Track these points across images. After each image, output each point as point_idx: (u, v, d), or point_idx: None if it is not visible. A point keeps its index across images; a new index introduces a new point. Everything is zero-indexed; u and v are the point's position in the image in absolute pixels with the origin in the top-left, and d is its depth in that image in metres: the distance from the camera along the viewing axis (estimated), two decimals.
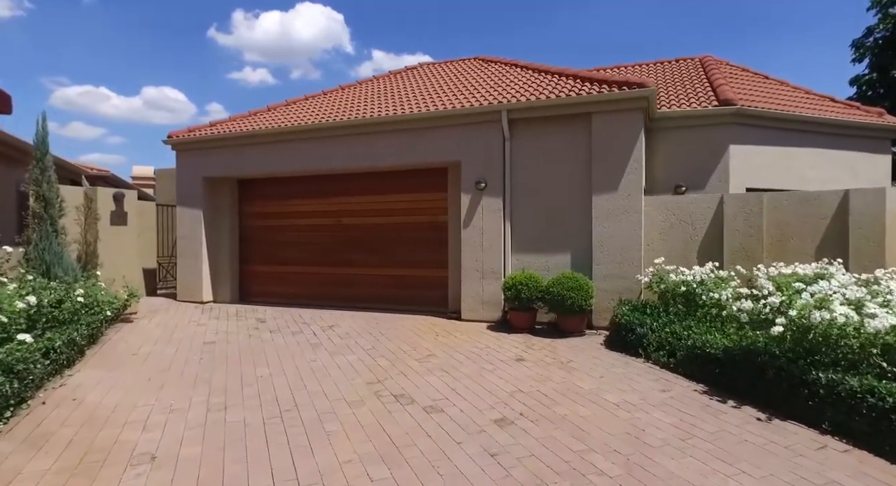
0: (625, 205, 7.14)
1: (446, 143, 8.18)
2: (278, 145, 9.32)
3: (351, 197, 9.44)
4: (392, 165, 8.61)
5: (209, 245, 10.05)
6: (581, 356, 6.01)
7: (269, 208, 10.11)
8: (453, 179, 8.52)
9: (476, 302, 7.98)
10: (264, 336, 7.16)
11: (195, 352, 6.27)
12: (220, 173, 9.83)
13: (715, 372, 4.76)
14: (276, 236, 10.07)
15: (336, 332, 7.42)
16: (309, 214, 9.77)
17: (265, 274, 10.16)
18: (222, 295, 10.14)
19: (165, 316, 8.57)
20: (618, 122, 7.17)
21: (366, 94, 10.40)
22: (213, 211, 10.15)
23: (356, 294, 9.41)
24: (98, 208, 7.96)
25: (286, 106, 10.79)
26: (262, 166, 9.47)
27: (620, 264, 7.15)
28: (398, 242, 9.10)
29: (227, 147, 9.71)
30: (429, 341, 6.79)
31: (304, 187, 9.78)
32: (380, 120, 8.48)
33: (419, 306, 8.90)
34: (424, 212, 8.89)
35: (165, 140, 10.07)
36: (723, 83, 8.15)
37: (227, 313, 8.95)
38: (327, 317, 8.55)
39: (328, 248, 9.62)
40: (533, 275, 7.26)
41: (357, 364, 5.76)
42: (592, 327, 7.32)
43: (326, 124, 8.83)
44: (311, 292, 9.75)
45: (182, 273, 10.13)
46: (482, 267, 7.94)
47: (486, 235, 7.92)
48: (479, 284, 7.97)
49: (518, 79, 9.16)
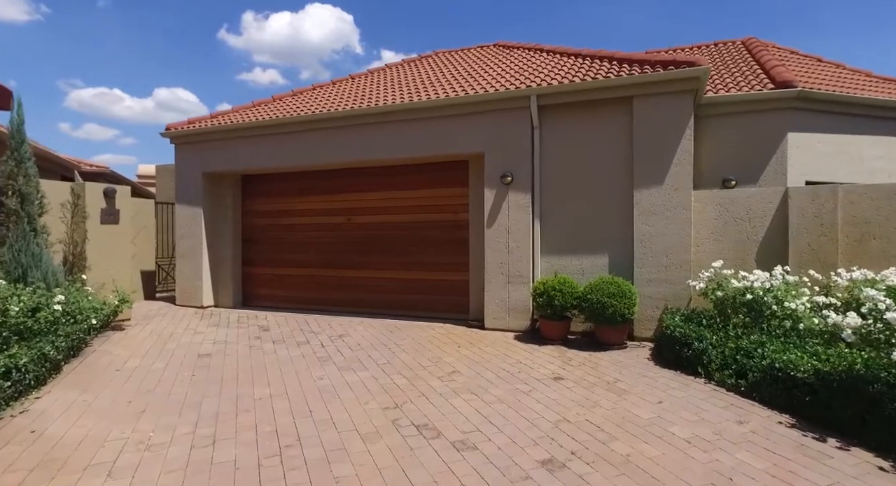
0: (671, 200, 6.30)
1: (467, 133, 7.39)
2: (285, 137, 8.59)
3: (363, 193, 8.69)
4: (408, 157, 7.84)
5: (210, 246, 9.35)
6: (629, 374, 5.19)
7: (275, 206, 9.38)
8: (475, 173, 7.73)
9: (501, 309, 7.19)
10: (266, 347, 6.42)
11: (187, 367, 5.54)
12: (221, 168, 9.12)
13: (804, 401, 3.93)
14: (281, 236, 9.34)
15: (346, 343, 6.66)
16: (317, 213, 9.03)
17: (270, 277, 9.44)
18: (224, 299, 9.43)
19: (161, 323, 7.87)
20: (664, 106, 6.33)
21: (378, 82, 9.64)
22: (215, 209, 9.45)
23: (368, 299, 8.65)
24: (87, 206, 7.28)
25: (293, 96, 10.06)
26: (266, 160, 8.74)
27: (666, 267, 6.32)
28: (414, 242, 8.32)
29: (229, 140, 9.00)
30: (451, 355, 6.01)
31: (312, 183, 9.04)
32: (394, 108, 7.71)
33: (437, 312, 8.12)
34: (443, 209, 8.11)
35: (163, 133, 9.39)
36: (777, 64, 7.28)
37: (227, 320, 8.23)
38: (336, 325, 7.79)
39: (338, 249, 8.88)
40: (567, 279, 6.45)
41: (371, 383, 4.99)
42: (633, 337, 6.50)
43: (336, 114, 8.08)
44: (319, 296, 9.01)
45: (181, 276, 9.44)
46: (508, 270, 7.14)
47: (513, 235, 7.12)
48: (504, 289, 7.17)
49: (545, 63, 8.35)
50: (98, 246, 7.42)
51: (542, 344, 6.46)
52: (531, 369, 5.44)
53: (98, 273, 7.40)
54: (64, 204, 7.11)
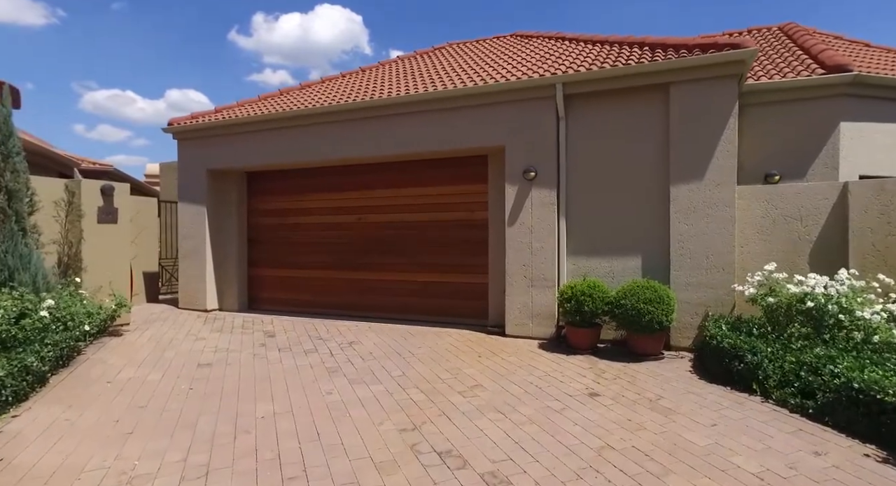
0: (713, 197, 5.74)
1: (487, 125, 6.87)
2: (292, 132, 8.12)
3: (374, 191, 8.20)
4: (422, 152, 7.34)
5: (214, 246, 8.91)
6: (672, 390, 4.64)
7: (281, 205, 8.93)
8: (495, 169, 7.20)
9: (524, 315, 6.66)
10: (271, 356, 5.95)
11: (185, 379, 5.08)
12: (226, 165, 8.68)
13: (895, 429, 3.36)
14: (288, 236, 8.88)
15: (357, 351, 6.17)
16: (326, 211, 8.56)
17: (276, 279, 8.98)
18: (228, 302, 8.99)
19: (161, 328, 7.43)
20: (704, 94, 5.77)
21: (390, 74, 9.15)
22: (219, 208, 9.01)
23: (380, 303, 8.16)
24: (82, 204, 6.86)
25: (301, 90, 9.61)
26: (273, 156, 8.28)
27: (707, 270, 5.75)
28: (430, 242, 7.82)
29: (234, 135, 8.56)
30: (472, 366, 5.49)
31: (322, 180, 8.57)
32: (408, 99, 7.21)
33: (454, 317, 7.61)
34: (460, 207, 7.59)
35: (166, 128, 8.97)
36: (826, 48, 6.68)
37: (231, 325, 7.78)
38: (346, 330, 7.30)
39: (348, 249, 8.39)
40: (597, 283, 5.91)
41: (385, 399, 4.49)
42: (670, 347, 5.94)
43: (346, 106, 7.60)
44: (328, 299, 8.54)
45: (184, 278, 9.02)
46: (531, 273, 6.61)
47: (537, 235, 6.59)
48: (527, 293, 6.64)
49: (569, 51, 7.81)
50: (95, 247, 7.00)
51: (570, 354, 5.93)
52: (561, 383, 4.91)
53: (94, 275, 6.98)
54: (58, 202, 6.69)
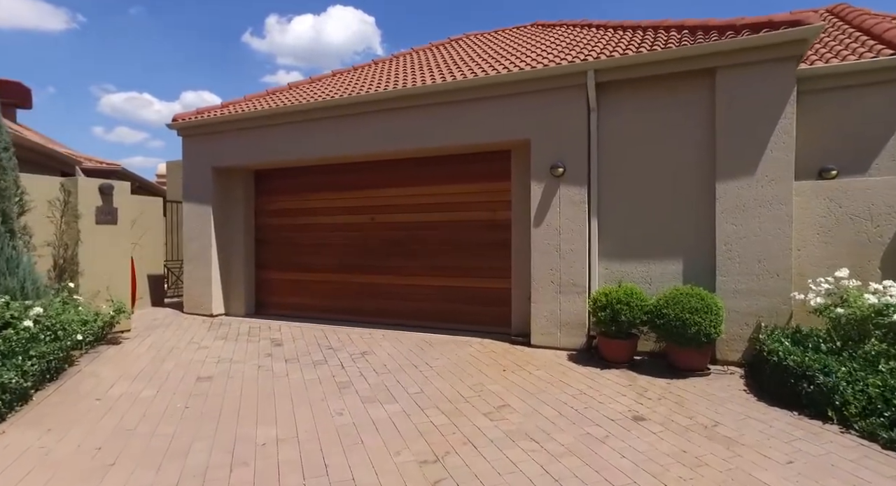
0: (766, 194, 5.14)
1: (510, 117, 6.34)
2: (302, 127, 7.66)
3: (389, 189, 7.70)
4: (440, 147, 6.82)
5: (220, 248, 8.48)
6: (729, 415, 4.06)
7: (290, 204, 8.47)
8: (519, 165, 6.66)
9: (551, 324, 6.11)
10: (277, 369, 5.46)
11: (182, 395, 4.61)
12: (232, 163, 8.24)
13: None
14: (297, 238, 8.42)
15: (370, 362, 5.66)
16: (337, 211, 8.08)
17: (285, 282, 8.52)
18: (235, 307, 8.56)
19: (162, 336, 7.00)
20: (756, 79, 5.17)
21: (404, 66, 8.65)
22: (225, 208, 8.58)
23: (394, 309, 7.66)
24: (79, 204, 6.45)
25: (310, 84, 9.15)
26: (282, 153, 7.82)
27: (759, 276, 5.15)
28: (448, 244, 7.30)
29: (241, 131, 8.11)
30: (496, 381, 4.96)
31: (333, 178, 8.09)
32: (424, 90, 6.70)
33: (475, 325, 7.08)
34: (481, 207, 7.06)
35: (170, 124, 8.56)
36: (891, 27, 6.03)
37: (237, 331, 7.33)
38: (359, 339, 6.81)
39: (360, 251, 7.90)
40: (635, 290, 5.34)
41: (402, 422, 3.97)
42: (715, 361, 5.34)
43: (359, 98, 7.11)
44: (339, 304, 8.05)
45: (189, 281, 8.60)
46: (559, 278, 6.06)
47: (565, 236, 6.04)
48: (555, 300, 6.09)
49: (598, 38, 7.24)
50: (93, 249, 6.59)
51: (604, 367, 5.36)
52: (600, 404, 4.36)
53: (92, 280, 6.57)
54: (52, 202, 6.29)
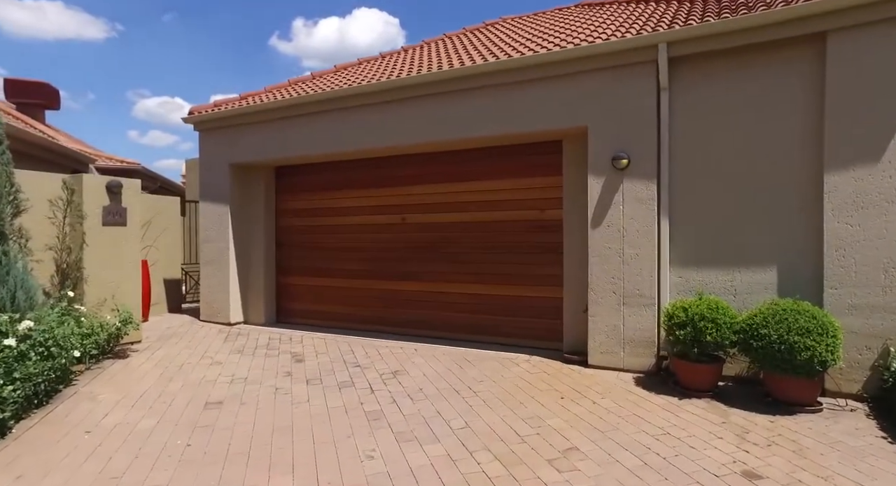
0: (893, 186, 4.17)
1: (564, 101, 5.49)
2: (326, 118, 6.95)
3: (420, 186, 6.93)
4: (481, 137, 6.01)
5: (238, 251, 7.85)
6: (877, 474, 3.12)
7: (313, 203, 7.77)
8: (572, 156, 5.80)
9: (613, 341, 5.23)
10: (297, 393, 4.73)
11: (185, 426, 3.91)
12: (252, 158, 7.59)
13: None
14: (321, 240, 7.72)
15: (404, 385, 4.89)
16: (364, 211, 7.35)
17: (308, 288, 7.83)
18: (254, 315, 7.91)
19: (174, 348, 6.37)
20: (883, 42, 4.20)
21: (437, 51, 7.87)
22: (244, 207, 7.95)
23: (427, 319, 6.88)
24: (84, 203, 5.86)
25: (335, 73, 8.45)
26: (304, 147, 7.12)
27: (886, 288, 4.17)
28: (489, 248, 6.48)
29: (261, 123, 7.46)
30: (556, 413, 4.12)
31: (359, 175, 7.36)
32: (464, 73, 5.90)
33: (520, 339, 6.25)
34: (528, 205, 6.23)
35: (186, 117, 7.97)
36: None
37: (255, 343, 6.66)
38: (389, 354, 6.05)
39: (390, 255, 7.15)
40: (720, 304, 4.43)
41: (448, 473, 3.17)
42: (825, 391, 4.38)
43: (389, 84, 6.36)
44: (366, 313, 7.32)
45: (205, 286, 7.99)
46: (622, 288, 5.18)
47: (630, 239, 5.16)
48: (616, 313, 5.21)
49: (662, 11, 6.32)
50: (99, 253, 6.00)
51: (683, 397, 4.46)
52: (692, 449, 3.48)
53: (98, 287, 5.98)
54: (53, 201, 5.71)
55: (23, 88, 18.74)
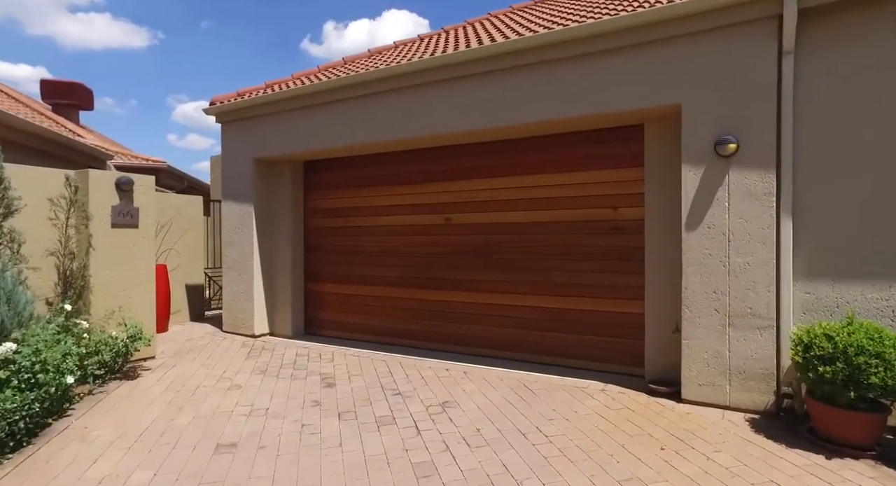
0: None
1: (648, 75, 4.46)
2: (361, 105, 6.10)
3: (468, 181, 6.00)
4: (543, 122, 5.03)
5: (263, 255, 7.09)
6: None
7: (346, 202, 6.94)
8: (657, 143, 4.77)
9: (715, 370, 4.18)
10: (328, 432, 3.86)
11: (189, 481, 3.09)
12: (278, 152, 6.81)
13: None
14: (355, 243, 6.88)
15: (456, 423, 3.97)
16: (403, 210, 6.47)
17: (339, 297, 7.01)
18: (281, 326, 7.14)
19: (191, 366, 5.63)
20: None
21: (483, 30, 6.91)
22: (269, 207, 7.19)
23: (476, 335, 5.95)
24: (90, 202, 5.17)
25: (369, 57, 7.60)
26: (336, 138, 6.29)
27: None
28: (549, 253, 5.50)
29: (288, 113, 6.67)
30: (661, 475, 3.11)
31: (398, 169, 6.50)
32: (526, 44, 4.94)
33: (588, 361, 5.26)
34: (598, 202, 5.22)
35: (207, 108, 7.27)
36: None
37: (280, 361, 5.86)
38: (433, 378, 5.14)
39: (432, 261, 6.25)
40: (884, 333, 3.34)
41: None
42: None
43: (439, 60, 5.46)
44: (405, 327, 6.44)
45: (228, 294, 7.26)
46: (728, 304, 4.13)
47: (739, 244, 4.10)
48: (720, 335, 4.16)
49: None
50: (107, 258, 5.30)
51: (832, 454, 3.38)
52: None
53: (106, 296, 5.28)
54: (55, 200, 5.02)
55: (57, 89, 18.72)
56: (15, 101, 16.59)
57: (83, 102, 19.33)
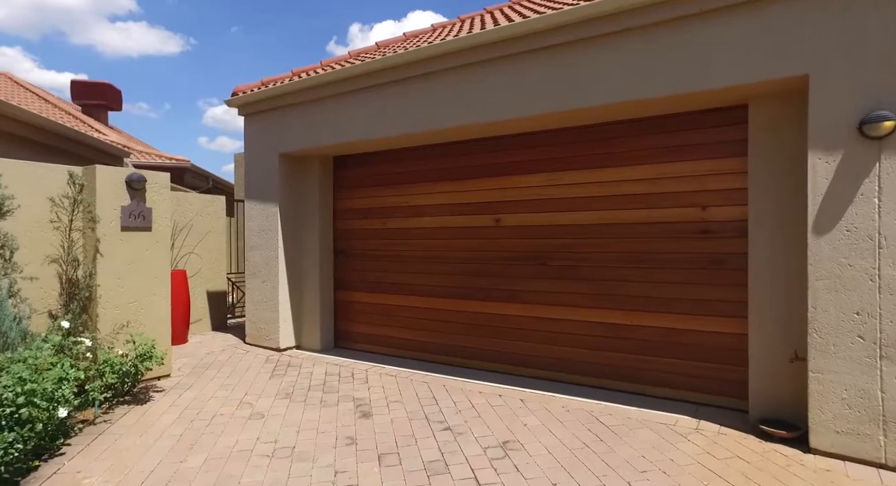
0: None
1: (761, 40, 3.57)
2: (399, 91, 5.36)
3: (522, 177, 5.20)
4: (619, 103, 4.18)
5: (289, 260, 6.42)
6: None
7: (381, 200, 6.21)
8: (767, 126, 3.87)
9: (860, 415, 3.27)
10: (367, 482, 3.11)
11: None
12: (306, 146, 6.13)
13: None
14: (390, 247, 6.14)
15: (524, 472, 3.16)
16: (446, 210, 5.71)
17: (373, 308, 6.28)
18: (308, 338, 6.45)
19: (210, 385, 4.97)
20: None
21: (529, 9, 6.09)
22: (296, 207, 6.51)
23: (534, 355, 5.13)
24: (97, 202, 4.56)
25: (405, 40, 6.86)
26: (370, 129, 5.56)
27: None
28: (619, 260, 4.65)
29: (317, 102, 5.98)
30: None
31: (440, 163, 5.74)
32: (601, 10, 4.10)
33: (674, 390, 4.39)
34: (680, 200, 4.35)
35: (229, 100, 6.64)
36: None
37: (308, 381, 5.15)
38: (487, 408, 4.34)
39: (479, 268, 5.46)
40: None
41: None
42: None
43: (496, 34, 4.67)
44: (448, 342, 5.67)
45: (251, 303, 6.62)
46: (878, 329, 3.21)
47: (894, 251, 3.18)
48: (868, 369, 3.25)
49: None
50: (116, 265, 4.68)
51: None
52: None
53: (114, 308, 4.66)
54: (56, 200, 4.42)
55: (87, 90, 18.69)
56: (45, 101, 16.51)
57: (111, 103, 19.26)
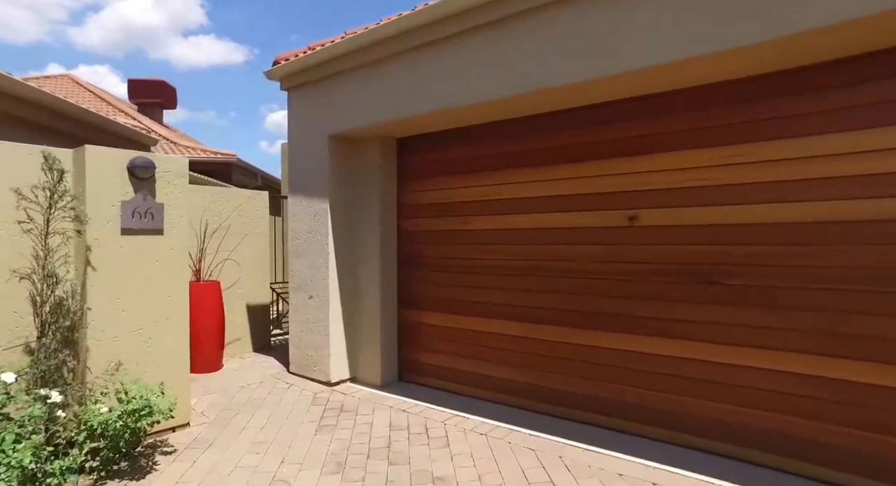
0: None
1: None
2: (491, 42, 3.86)
3: (668, 155, 3.58)
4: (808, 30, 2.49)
5: (342, 271, 5.07)
6: None
7: (460, 193, 4.75)
8: None
9: None
10: None
11: None
12: (362, 124, 4.75)
13: None
14: (473, 254, 4.66)
15: None
16: (550, 204, 4.17)
17: (450, 334, 4.83)
18: (366, 370, 5.09)
19: (235, 445, 3.67)
20: None
21: None
22: (351, 204, 5.17)
23: (697, 415, 3.50)
24: (88, 195, 3.37)
25: None
26: (448, 96, 4.10)
27: None
28: (844, 279, 2.93)
29: (376, 65, 4.59)
30: None
31: (542, 140, 4.21)
32: None
33: None
34: None
35: (268, 70, 5.39)
36: None
37: (366, 442, 3.76)
38: None
39: (602, 286, 3.89)
40: None
41: None
42: None
43: None
44: (557, 386, 4.13)
45: (296, 323, 5.33)
46: None
47: None
48: None
49: None
50: (114, 281, 3.48)
51: None
52: None
53: (111, 340, 3.45)
54: (25, 192, 3.23)
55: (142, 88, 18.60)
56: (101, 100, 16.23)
57: (166, 101, 19.07)
